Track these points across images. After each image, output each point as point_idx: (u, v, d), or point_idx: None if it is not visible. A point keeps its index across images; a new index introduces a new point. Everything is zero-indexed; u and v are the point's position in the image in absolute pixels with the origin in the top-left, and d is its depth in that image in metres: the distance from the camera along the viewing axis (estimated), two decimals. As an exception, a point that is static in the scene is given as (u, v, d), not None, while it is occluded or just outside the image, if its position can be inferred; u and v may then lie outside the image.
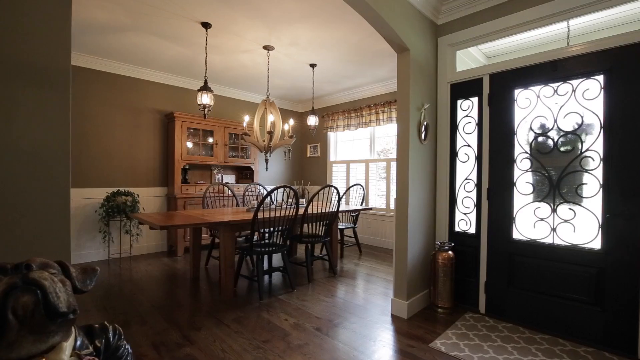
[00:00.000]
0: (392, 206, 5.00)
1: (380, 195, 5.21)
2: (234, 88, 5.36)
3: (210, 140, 4.92)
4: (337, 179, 5.90)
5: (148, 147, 4.54)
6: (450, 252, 2.63)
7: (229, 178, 5.33)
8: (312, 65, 4.24)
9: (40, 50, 1.05)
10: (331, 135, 6.08)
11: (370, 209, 4.22)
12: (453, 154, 2.82)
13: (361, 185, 4.73)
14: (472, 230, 2.72)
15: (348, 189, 4.85)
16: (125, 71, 4.28)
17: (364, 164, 5.44)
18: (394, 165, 4.99)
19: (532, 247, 2.39)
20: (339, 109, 5.85)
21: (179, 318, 2.48)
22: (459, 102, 2.81)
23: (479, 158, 2.67)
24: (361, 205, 4.65)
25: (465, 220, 2.76)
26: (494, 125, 2.58)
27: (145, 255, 4.39)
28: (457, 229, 2.81)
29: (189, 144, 4.71)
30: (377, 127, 5.31)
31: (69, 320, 0.64)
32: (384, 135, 5.30)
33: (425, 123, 2.66)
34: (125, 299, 2.86)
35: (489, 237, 2.60)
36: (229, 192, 4.90)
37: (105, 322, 0.81)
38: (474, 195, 2.71)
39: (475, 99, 2.71)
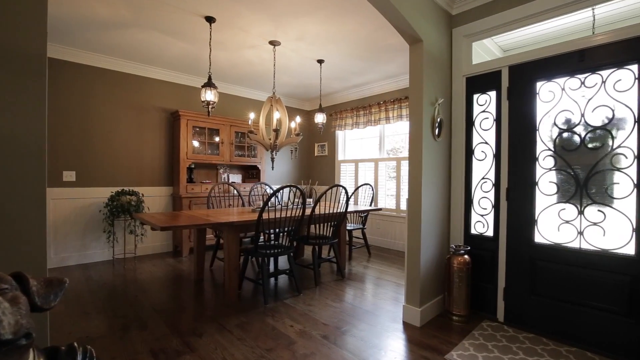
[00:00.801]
0: (403, 206, 4.84)
1: (390, 195, 5.05)
2: (240, 86, 5.26)
3: (216, 138, 4.83)
4: (346, 178, 5.76)
5: (153, 145, 4.47)
6: (466, 256, 2.47)
7: (236, 177, 5.24)
8: (320, 61, 4.11)
9: (14, 35, 0.94)
10: (339, 134, 5.94)
11: (380, 209, 4.07)
12: (469, 152, 2.66)
13: (370, 185, 4.59)
14: (490, 232, 2.55)
15: (357, 188, 4.70)
16: (129, 69, 4.22)
17: (373, 163, 5.28)
18: (404, 164, 4.82)
19: (557, 252, 2.21)
20: (347, 106, 5.71)
21: (180, 323, 2.38)
22: (475, 96, 2.64)
23: (497, 156, 2.50)
24: (370, 205, 4.50)
25: (482, 222, 2.59)
26: (513, 121, 2.41)
27: (150, 256, 4.33)
28: (473, 231, 2.65)
29: (195, 143, 4.63)
30: (387, 125, 5.15)
31: (18, 347, 0.53)
32: (394, 133, 5.14)
33: (439, 119, 2.50)
34: (126, 301, 2.78)
35: (508, 241, 2.43)
36: (235, 192, 4.81)
37: (75, 344, 0.70)
38: (491, 195, 2.54)
39: (492, 93, 2.54)
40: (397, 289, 3.17)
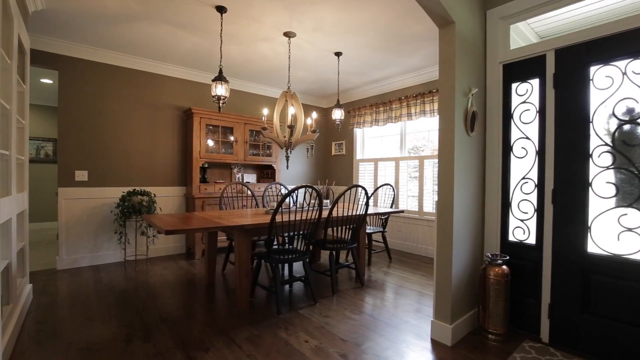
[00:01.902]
0: (426, 208, 4.53)
1: (412, 196, 4.75)
2: (255, 82, 5.10)
3: (230, 137, 4.68)
4: (364, 178, 5.49)
5: (166, 144, 4.37)
6: (504, 267, 2.17)
7: (250, 177, 5.08)
8: (338, 54, 3.88)
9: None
10: (358, 132, 5.68)
11: (402, 211, 3.79)
12: (506, 148, 2.35)
13: (391, 186, 4.31)
14: (531, 240, 2.24)
15: (376, 189, 4.44)
16: (141, 66, 4.12)
17: (393, 162, 5.00)
18: (427, 163, 4.52)
19: (617, 264, 1.89)
20: (366, 103, 5.45)
21: (186, 334, 2.20)
22: (514, 85, 2.34)
23: (540, 153, 2.19)
24: (391, 207, 4.22)
25: (522, 228, 2.29)
26: (561, 112, 2.10)
27: (163, 258, 4.21)
28: (511, 238, 2.34)
29: (209, 142, 4.50)
30: (409, 122, 4.85)
31: None
32: (416, 130, 4.83)
33: (472, 111, 2.22)
34: (133, 307, 2.63)
35: (554, 250, 2.11)
36: (249, 192, 4.64)
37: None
38: (533, 197, 2.23)
39: (535, 81, 2.24)
40: (420, 298, 2.89)
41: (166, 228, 2.11)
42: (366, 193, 3.11)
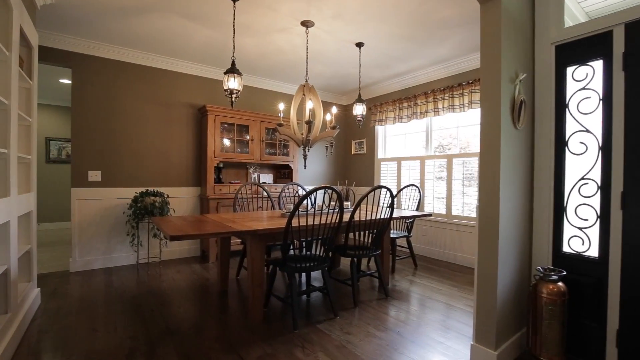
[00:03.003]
0: (455, 211, 4.18)
1: (439, 198, 4.40)
2: (271, 79, 4.89)
3: (246, 136, 4.49)
4: (387, 179, 5.18)
5: (180, 143, 4.23)
6: (560, 284, 1.83)
7: (266, 177, 4.88)
8: (359, 45, 3.60)
9: None
10: (379, 129, 5.37)
11: (430, 215, 3.47)
12: (560, 143, 2.01)
13: (416, 186, 3.99)
14: (593, 252, 1.89)
15: (400, 190, 4.13)
16: (154, 62, 3.99)
17: (418, 162, 4.66)
18: (456, 162, 4.16)
19: None
20: (388, 98, 5.13)
21: (193, 349, 1.99)
22: (570, 69, 1.99)
23: (605, 148, 1.84)
24: (417, 209, 3.90)
25: (581, 238, 1.94)
26: (633, 100, 1.74)
27: (177, 261, 4.07)
28: (566, 249, 2.00)
29: (225, 141, 4.33)
30: (435, 118, 4.50)
31: None
32: (442, 127, 4.48)
33: (521, 100, 1.89)
34: (141, 316, 2.46)
35: (624, 265, 1.76)
36: (265, 193, 4.44)
37: None
38: (595, 201, 1.88)
39: (597, 63, 1.88)
40: (451, 312, 2.57)
41: (171, 233, 1.91)
42: (391, 194, 2.82)
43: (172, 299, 2.82)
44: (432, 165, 4.49)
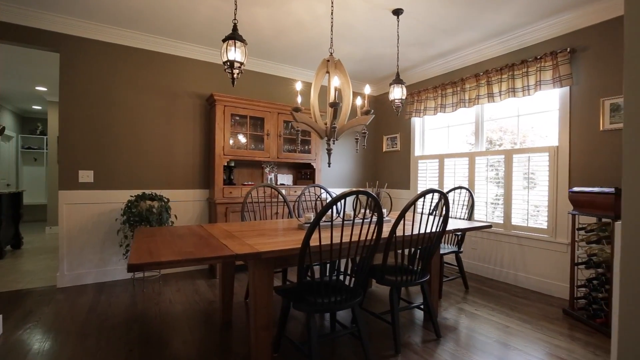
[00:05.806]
0: (515, 221, 3.34)
1: (493, 204, 3.57)
2: (289, 64, 4.25)
3: (261, 130, 3.88)
4: (426, 179, 4.39)
5: (186, 139, 3.68)
6: None
7: (285, 178, 4.24)
8: (397, 12, 2.87)
9: None
10: (416, 122, 4.59)
11: (490, 226, 2.67)
12: None
13: (467, 190, 3.20)
14: None
15: (446, 194, 3.35)
16: (155, 46, 3.46)
17: (466, 159, 3.85)
18: (517, 159, 3.32)
19: None
20: (428, 85, 4.35)
21: None
22: None
23: None
24: (470, 218, 3.11)
25: None
26: None
27: (180, 275, 3.51)
28: None
29: (238, 136, 3.74)
30: (488, 106, 3.68)
31: None
32: (491, 118, 3.65)
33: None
34: (117, 357, 1.88)
35: None
36: (281, 198, 3.80)
37: None
38: None
39: None
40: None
41: (131, 261, 1.28)
42: (446, 201, 2.08)
43: (162, 331, 2.23)
44: (484, 163, 3.66)
